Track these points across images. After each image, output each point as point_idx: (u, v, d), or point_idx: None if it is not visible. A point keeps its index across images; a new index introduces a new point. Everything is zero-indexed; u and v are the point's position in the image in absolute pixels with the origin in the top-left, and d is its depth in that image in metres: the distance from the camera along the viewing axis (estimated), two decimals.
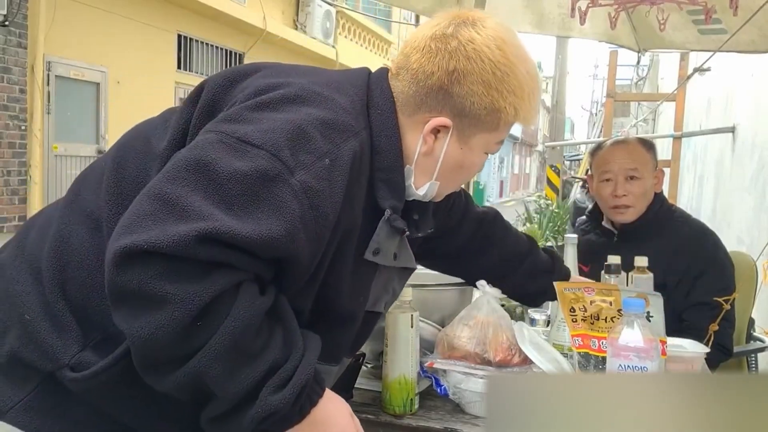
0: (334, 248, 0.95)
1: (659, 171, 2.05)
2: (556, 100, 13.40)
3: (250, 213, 0.82)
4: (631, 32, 2.87)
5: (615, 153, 2.02)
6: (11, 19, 5.76)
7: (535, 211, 8.33)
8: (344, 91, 0.99)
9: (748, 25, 2.47)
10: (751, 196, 4.31)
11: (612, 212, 2.01)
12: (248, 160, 0.84)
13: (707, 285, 1.91)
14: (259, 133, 0.87)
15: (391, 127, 1.01)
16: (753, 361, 2.30)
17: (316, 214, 0.87)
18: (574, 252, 1.69)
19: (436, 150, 1.04)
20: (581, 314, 1.34)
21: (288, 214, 0.84)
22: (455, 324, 1.36)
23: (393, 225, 1.01)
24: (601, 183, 2.01)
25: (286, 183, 0.85)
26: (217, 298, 0.80)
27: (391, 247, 1.06)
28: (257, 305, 0.85)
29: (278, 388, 0.86)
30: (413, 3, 2.99)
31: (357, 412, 1.27)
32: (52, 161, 6.56)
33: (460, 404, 1.29)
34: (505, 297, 1.75)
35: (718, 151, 5.81)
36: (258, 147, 0.85)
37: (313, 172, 0.87)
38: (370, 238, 1.02)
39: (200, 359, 0.81)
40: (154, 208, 0.80)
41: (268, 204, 0.83)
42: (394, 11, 13.58)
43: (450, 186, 1.12)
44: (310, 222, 0.86)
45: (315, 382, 0.92)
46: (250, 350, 0.84)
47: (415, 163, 1.05)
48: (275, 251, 0.84)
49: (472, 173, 1.14)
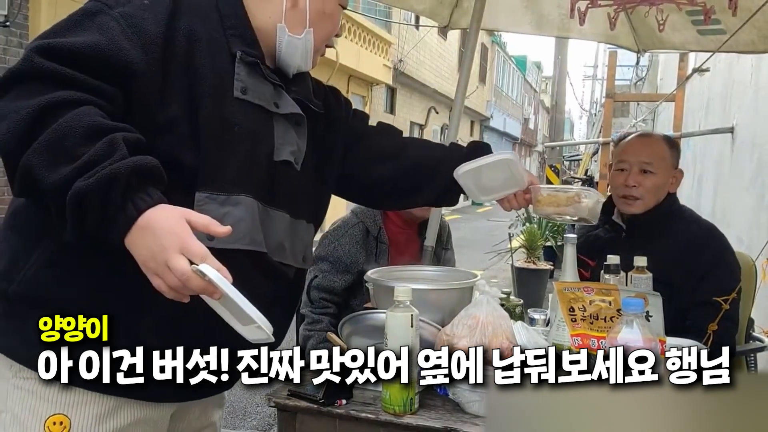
0: (195, 89, 1.09)
1: (678, 171, 2.05)
2: (556, 101, 13.41)
3: (77, 33, 1.00)
4: (631, 33, 2.87)
5: (634, 144, 2.05)
6: (12, 20, 5.76)
7: None
8: None
9: (748, 25, 2.48)
10: (750, 195, 4.32)
11: (620, 201, 2.03)
12: (78, 10, 1.05)
13: (713, 285, 1.92)
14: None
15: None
16: (752, 361, 2.30)
17: (137, 30, 1.04)
18: (574, 252, 1.70)
19: (300, 2, 1.21)
20: (580, 314, 1.34)
21: (108, 31, 1.01)
22: (455, 324, 1.37)
23: (246, 62, 1.16)
24: (616, 172, 2.05)
25: (106, 14, 1.04)
26: (51, 108, 0.92)
27: (265, 92, 1.19)
28: (92, 116, 0.94)
29: (88, 177, 0.89)
30: (413, 3, 3.00)
31: (357, 411, 1.28)
32: None
33: (460, 404, 1.30)
34: (505, 297, 1.75)
35: (718, 151, 5.82)
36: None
37: (131, 7, 1.06)
38: None
39: (28, 153, 0.90)
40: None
41: (92, 26, 1.02)
42: (394, 11, 13.57)
43: (322, 35, 1.28)
44: (133, 36, 1.03)
45: (144, 192, 0.92)
46: (74, 153, 0.90)
47: (285, 18, 1.21)
48: (105, 60, 0.99)
49: (335, 23, 1.31)
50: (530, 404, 0.41)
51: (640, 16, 2.65)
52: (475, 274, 1.72)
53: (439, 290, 1.62)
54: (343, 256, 2.20)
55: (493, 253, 7.44)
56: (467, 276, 1.71)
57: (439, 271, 1.93)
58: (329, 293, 2.19)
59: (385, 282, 1.60)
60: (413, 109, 17.14)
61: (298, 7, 1.22)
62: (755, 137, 4.39)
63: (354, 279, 2.20)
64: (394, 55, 14.43)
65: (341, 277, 2.19)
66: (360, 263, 2.19)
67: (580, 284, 1.42)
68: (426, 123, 18.13)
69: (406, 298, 1.27)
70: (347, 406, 1.30)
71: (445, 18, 2.96)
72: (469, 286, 1.63)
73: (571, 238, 1.72)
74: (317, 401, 1.29)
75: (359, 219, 2.26)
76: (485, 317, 1.34)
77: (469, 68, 2.59)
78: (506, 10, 2.88)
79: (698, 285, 1.91)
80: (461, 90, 2.56)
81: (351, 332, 1.50)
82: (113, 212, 0.89)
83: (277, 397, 1.33)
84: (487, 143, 1.60)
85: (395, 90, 15.43)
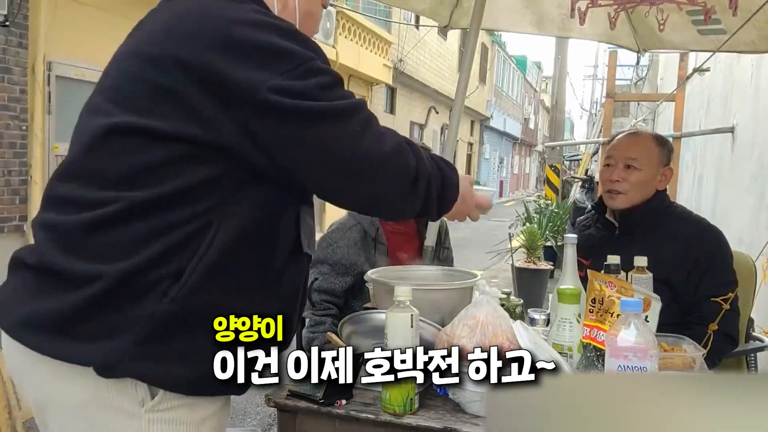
0: None
1: (668, 169, 2.07)
2: (556, 101, 13.40)
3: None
4: (631, 32, 2.87)
5: (622, 141, 2.10)
6: (12, 20, 5.75)
7: (535, 211, 8.32)
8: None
9: (748, 25, 2.48)
10: (750, 195, 4.31)
11: (606, 196, 2.08)
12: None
13: (713, 279, 1.93)
14: None
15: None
16: (752, 361, 2.30)
17: None
18: (574, 252, 1.70)
19: (289, 3, 1.18)
20: (598, 306, 1.37)
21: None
22: (455, 324, 1.37)
23: None
24: (604, 167, 2.11)
25: None
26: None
27: None
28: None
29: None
30: (413, 3, 3.00)
31: (357, 411, 1.28)
32: (52, 161, 6.55)
33: (460, 404, 1.30)
34: (506, 297, 1.75)
35: (718, 151, 5.82)
36: None
37: None
38: None
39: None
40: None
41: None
42: (394, 11, 13.58)
43: (308, 34, 1.26)
44: None
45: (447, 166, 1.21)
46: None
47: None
48: None
49: (318, 22, 1.29)
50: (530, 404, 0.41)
51: (641, 16, 2.65)
52: (475, 274, 1.72)
53: (439, 290, 1.62)
54: (341, 258, 2.20)
55: (494, 253, 7.45)
56: (467, 276, 1.71)
57: (439, 271, 1.93)
58: (330, 295, 2.19)
59: (385, 282, 1.60)
60: (413, 109, 17.14)
61: (288, 7, 1.19)
62: (755, 137, 4.39)
63: (354, 280, 2.20)
64: (394, 55, 14.43)
65: (341, 279, 2.19)
66: (359, 265, 2.19)
67: (607, 278, 1.44)
68: (426, 123, 18.13)
69: (406, 298, 1.27)
70: (347, 406, 1.30)
71: (445, 18, 2.96)
72: (469, 286, 1.63)
73: (571, 239, 1.72)
74: (317, 401, 1.29)
75: (356, 221, 2.26)
76: (485, 317, 1.34)
77: (469, 68, 2.59)
78: (506, 10, 2.88)
79: (701, 280, 1.93)
80: (461, 90, 2.56)
81: (351, 332, 1.50)
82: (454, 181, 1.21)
83: (276, 397, 1.33)
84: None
85: (395, 90, 15.43)
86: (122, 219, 0.97)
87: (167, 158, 0.98)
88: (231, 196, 1.01)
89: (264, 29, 0.99)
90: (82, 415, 1.01)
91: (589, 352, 1.37)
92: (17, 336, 1.01)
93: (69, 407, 1.02)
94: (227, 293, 1.02)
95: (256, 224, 1.04)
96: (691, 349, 1.51)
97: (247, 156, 0.99)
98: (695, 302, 1.92)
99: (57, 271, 0.99)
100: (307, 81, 0.98)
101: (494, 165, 29.91)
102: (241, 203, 1.02)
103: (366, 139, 1.03)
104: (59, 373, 0.99)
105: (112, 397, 0.99)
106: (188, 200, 0.98)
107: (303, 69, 0.99)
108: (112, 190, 0.98)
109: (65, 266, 0.99)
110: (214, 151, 0.98)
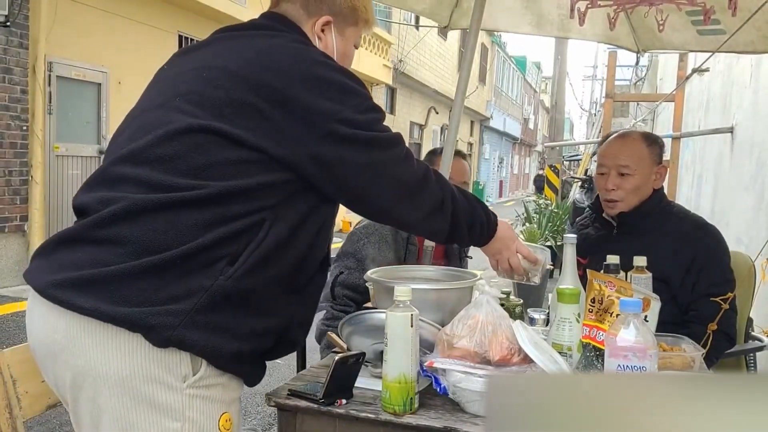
0: None
1: (661, 167, 2.06)
2: (555, 101, 13.41)
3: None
4: (630, 33, 2.87)
5: (612, 146, 2.07)
6: (12, 20, 5.76)
7: (535, 211, 8.33)
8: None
9: (747, 25, 2.48)
10: (749, 195, 4.32)
11: (604, 204, 2.08)
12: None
13: (710, 277, 1.93)
14: None
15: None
16: (752, 361, 2.30)
17: None
18: (574, 252, 1.70)
19: (328, 43, 1.34)
20: (597, 306, 1.37)
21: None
22: (455, 324, 1.37)
23: None
24: (598, 175, 2.10)
25: None
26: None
27: None
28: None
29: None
30: (413, 3, 3.00)
31: (357, 411, 1.28)
32: (53, 161, 6.56)
33: (460, 403, 1.30)
34: (505, 297, 1.75)
35: (717, 151, 5.82)
36: None
37: None
38: None
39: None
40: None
41: None
42: (394, 11, 13.58)
43: None
44: None
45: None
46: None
47: None
48: None
49: (350, 62, 1.43)
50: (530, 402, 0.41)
51: (640, 17, 2.66)
52: (475, 274, 1.72)
53: (439, 290, 1.62)
54: (370, 254, 2.18)
55: None
56: (467, 276, 1.71)
57: (439, 271, 1.93)
58: (353, 291, 2.17)
59: (385, 282, 1.61)
60: (413, 109, 17.15)
61: (328, 49, 1.34)
62: (755, 137, 4.39)
63: None
64: (394, 55, 14.44)
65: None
66: (387, 263, 2.15)
67: (606, 277, 1.44)
68: (426, 123, 18.14)
69: (406, 298, 1.27)
70: (347, 406, 1.30)
71: (445, 18, 2.97)
72: (469, 286, 1.63)
73: (570, 239, 1.72)
74: (317, 401, 1.30)
75: None
76: (485, 317, 1.35)
77: (469, 68, 2.59)
78: (506, 10, 2.88)
79: (698, 279, 1.92)
80: (461, 90, 2.56)
81: (351, 332, 1.50)
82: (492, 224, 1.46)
83: (277, 396, 1.34)
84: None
85: (395, 90, 15.44)
86: (192, 203, 1.09)
87: (242, 160, 1.12)
88: (283, 201, 1.16)
89: (336, 71, 1.20)
90: (124, 386, 1.06)
91: (589, 352, 1.37)
92: (70, 304, 1.06)
93: (111, 378, 1.06)
94: (268, 284, 1.15)
95: (299, 230, 1.19)
96: (690, 348, 1.51)
97: (305, 170, 1.16)
98: (692, 300, 1.92)
99: (119, 241, 1.08)
100: (367, 116, 1.20)
101: (494, 165, 29.91)
102: (290, 209, 1.17)
103: (408, 163, 1.26)
104: (106, 343, 1.06)
105: (156, 370, 1.06)
106: (249, 198, 1.12)
107: (365, 106, 1.20)
108: (187, 178, 1.10)
109: (130, 237, 1.08)
110: (280, 163, 1.14)
